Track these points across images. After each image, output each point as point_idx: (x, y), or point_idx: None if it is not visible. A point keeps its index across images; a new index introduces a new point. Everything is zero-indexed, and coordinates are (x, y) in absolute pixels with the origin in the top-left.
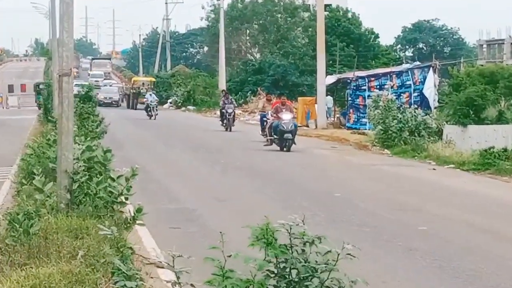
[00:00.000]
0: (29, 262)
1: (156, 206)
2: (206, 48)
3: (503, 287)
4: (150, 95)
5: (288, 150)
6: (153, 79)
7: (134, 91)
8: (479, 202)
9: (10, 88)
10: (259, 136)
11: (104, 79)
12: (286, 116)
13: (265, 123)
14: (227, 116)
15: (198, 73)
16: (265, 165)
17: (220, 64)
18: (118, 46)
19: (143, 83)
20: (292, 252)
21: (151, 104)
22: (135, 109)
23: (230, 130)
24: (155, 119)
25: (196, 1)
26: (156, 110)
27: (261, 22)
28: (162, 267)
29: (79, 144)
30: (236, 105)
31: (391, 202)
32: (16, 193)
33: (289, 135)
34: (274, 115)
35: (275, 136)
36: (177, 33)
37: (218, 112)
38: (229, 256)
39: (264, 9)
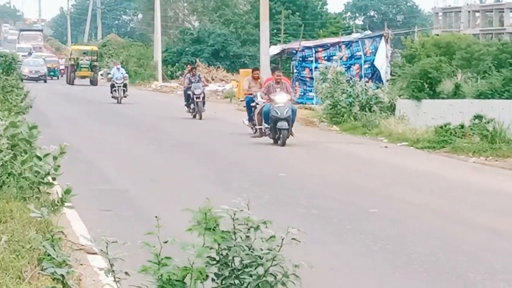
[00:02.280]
0: None
1: (87, 187)
2: (140, 16)
3: (459, 274)
4: (118, 69)
5: (283, 144)
6: (96, 48)
7: (72, 62)
8: (434, 183)
9: None
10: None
11: (30, 52)
12: (280, 98)
13: (253, 108)
14: (194, 99)
15: (132, 42)
16: (205, 145)
17: (155, 33)
18: (44, 13)
19: (84, 53)
20: (235, 239)
21: (116, 83)
22: (72, 84)
23: (200, 118)
24: (120, 102)
25: None
26: (124, 91)
27: None
28: (93, 253)
29: (1, 120)
30: (205, 83)
31: (340, 182)
32: None
33: (284, 124)
34: (266, 96)
35: (266, 125)
36: None
37: (153, 86)
38: (166, 242)
39: None
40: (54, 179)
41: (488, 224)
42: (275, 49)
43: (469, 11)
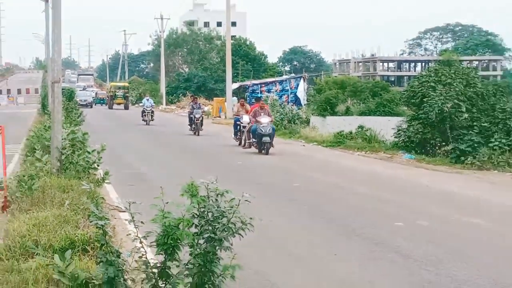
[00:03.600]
0: (31, 208)
1: (118, 171)
2: (151, 64)
3: (352, 225)
4: (147, 99)
5: (267, 153)
6: (127, 84)
7: (111, 94)
8: (334, 168)
9: (18, 91)
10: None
11: (84, 89)
12: (264, 120)
13: (238, 127)
14: (195, 121)
15: (147, 81)
16: (203, 151)
17: (161, 75)
18: (92, 63)
19: (119, 87)
20: (208, 201)
21: (146, 109)
22: (111, 108)
23: (198, 134)
24: (148, 124)
25: (146, 32)
26: (152, 115)
27: (188, 47)
28: (122, 211)
29: (65, 129)
30: (203, 109)
31: (277, 167)
32: (23, 162)
33: (267, 139)
34: (253, 119)
35: (254, 140)
36: (132, 54)
37: (160, 108)
38: (167, 203)
39: (190, 38)
40: (98, 165)
41: (371, 193)
42: (235, 85)
43: (355, 62)
